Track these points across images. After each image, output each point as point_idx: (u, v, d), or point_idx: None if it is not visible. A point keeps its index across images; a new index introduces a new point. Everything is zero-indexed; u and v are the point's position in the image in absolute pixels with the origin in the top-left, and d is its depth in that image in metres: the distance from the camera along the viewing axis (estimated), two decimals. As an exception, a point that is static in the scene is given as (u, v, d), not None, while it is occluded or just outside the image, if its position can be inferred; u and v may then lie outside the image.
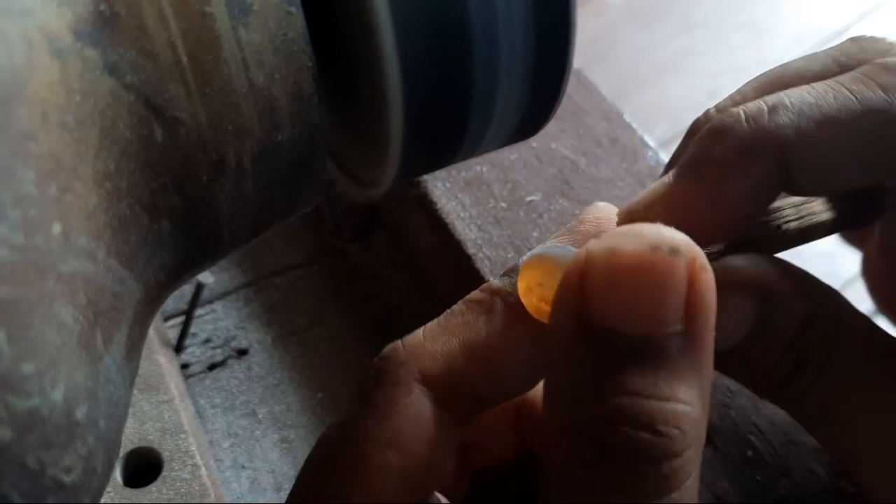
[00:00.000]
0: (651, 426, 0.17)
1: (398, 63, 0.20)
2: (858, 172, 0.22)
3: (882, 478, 0.23)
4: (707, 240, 0.22)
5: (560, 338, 0.18)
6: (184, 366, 0.40)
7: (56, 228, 0.15)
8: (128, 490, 0.31)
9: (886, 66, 0.22)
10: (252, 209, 0.20)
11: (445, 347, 0.21)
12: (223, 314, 0.42)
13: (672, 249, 0.17)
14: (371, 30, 0.19)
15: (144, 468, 0.32)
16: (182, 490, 0.31)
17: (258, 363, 0.40)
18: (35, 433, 0.14)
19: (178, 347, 0.40)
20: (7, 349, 0.14)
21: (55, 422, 0.15)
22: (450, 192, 0.39)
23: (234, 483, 0.36)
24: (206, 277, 0.38)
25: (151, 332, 0.36)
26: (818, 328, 0.23)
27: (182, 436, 0.33)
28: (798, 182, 0.22)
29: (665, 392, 0.17)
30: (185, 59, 0.17)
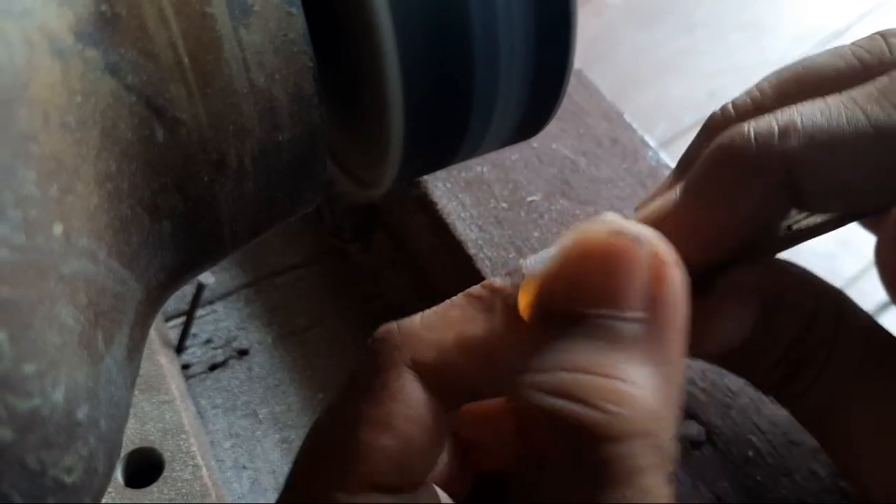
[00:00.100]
0: (591, 401, 0.17)
1: (398, 63, 0.20)
2: (869, 196, 0.22)
3: (881, 477, 0.23)
4: (713, 256, 0.22)
5: (532, 320, 0.19)
6: (185, 366, 0.40)
7: (57, 229, 0.15)
8: (129, 490, 0.31)
9: (890, 86, 0.21)
10: (252, 209, 0.20)
11: (441, 338, 0.21)
12: (224, 314, 0.42)
13: (634, 237, 0.17)
14: (371, 30, 0.19)
15: (145, 468, 0.32)
16: (183, 490, 0.31)
17: (259, 363, 0.40)
18: (36, 433, 0.14)
19: (179, 348, 0.40)
20: (8, 349, 0.14)
21: (56, 422, 0.15)
22: (450, 193, 0.39)
23: (236, 483, 0.36)
24: (207, 278, 0.38)
25: (152, 333, 0.36)
26: (819, 328, 0.23)
27: (183, 436, 0.33)
28: (806, 203, 0.22)
29: (612, 371, 0.17)
30: (186, 60, 0.17)
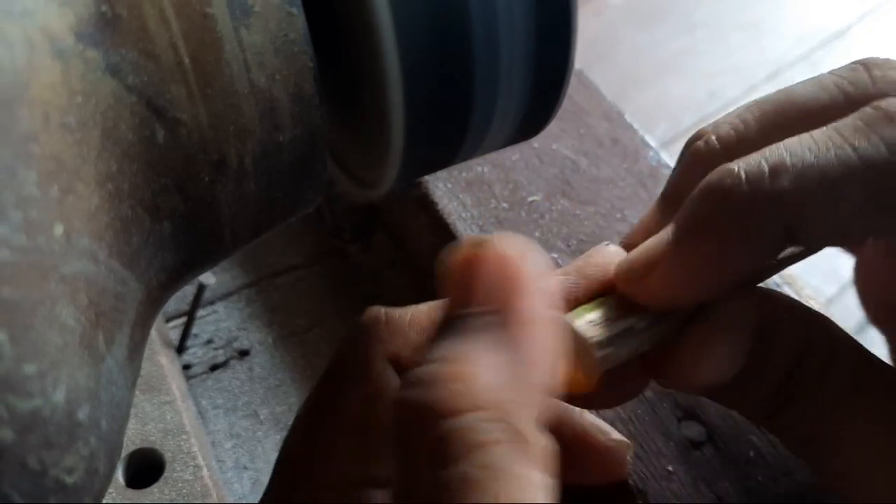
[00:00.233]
0: (433, 384, 0.17)
1: (399, 63, 0.20)
2: (860, 230, 0.22)
3: (878, 499, 0.23)
4: (707, 297, 0.22)
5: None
6: (185, 367, 0.40)
7: (58, 229, 0.15)
8: (130, 491, 0.31)
9: (890, 115, 0.21)
10: (253, 210, 0.20)
11: (423, 337, 0.22)
12: (225, 315, 0.42)
13: (475, 244, 0.19)
14: (372, 30, 0.19)
15: (146, 469, 0.32)
16: (184, 491, 0.31)
17: (260, 364, 0.40)
18: (37, 434, 0.14)
19: (180, 348, 0.40)
20: (9, 350, 0.14)
21: (57, 422, 0.15)
22: (451, 193, 0.39)
23: (236, 484, 0.36)
24: (208, 278, 0.38)
25: (153, 333, 0.36)
26: (812, 358, 0.23)
27: (184, 437, 0.33)
28: (800, 240, 0.22)
29: (457, 356, 0.17)
30: (187, 60, 0.17)
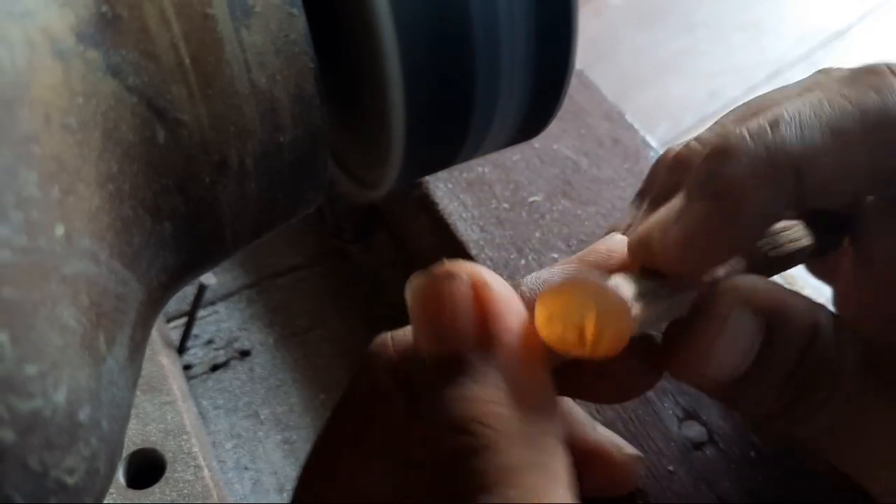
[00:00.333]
0: (458, 427, 0.18)
1: (399, 64, 0.20)
2: (868, 177, 0.22)
3: None
4: (722, 259, 0.22)
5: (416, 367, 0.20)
6: (186, 367, 0.40)
7: (59, 230, 0.15)
8: (131, 491, 0.31)
9: (869, 69, 0.22)
10: (254, 210, 0.20)
11: None
12: (225, 315, 0.42)
13: (447, 275, 0.19)
14: (372, 30, 0.19)
15: (147, 469, 0.32)
16: (185, 491, 0.31)
17: (260, 364, 0.40)
18: (38, 434, 0.14)
19: (181, 349, 0.40)
20: (10, 350, 0.14)
21: (58, 423, 0.15)
22: (451, 193, 0.39)
23: (237, 484, 0.36)
24: (209, 279, 0.38)
25: (154, 334, 0.36)
26: (821, 342, 0.22)
27: (185, 437, 0.33)
28: (810, 196, 0.22)
29: (468, 395, 0.18)
30: (188, 61, 0.17)
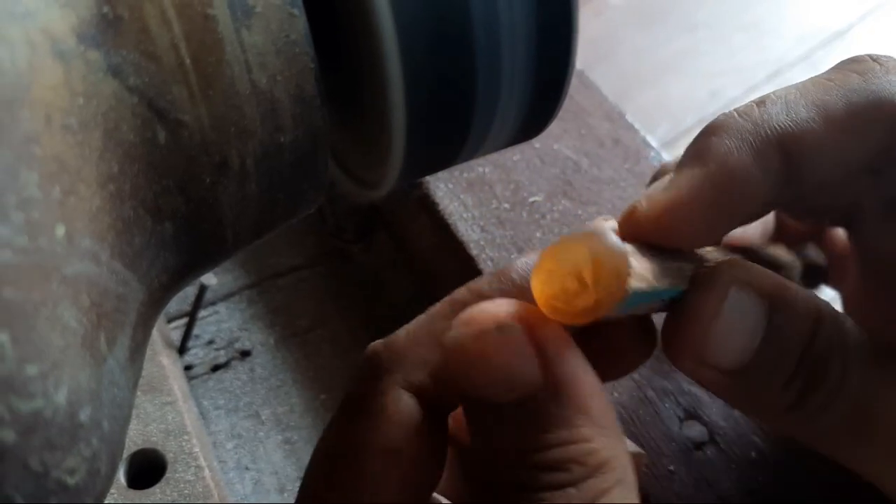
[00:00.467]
0: (552, 467, 0.18)
1: (400, 64, 0.20)
2: (854, 155, 0.22)
3: None
4: (710, 230, 0.22)
5: (464, 408, 0.20)
6: (187, 367, 0.40)
7: (60, 230, 0.15)
8: (131, 491, 0.31)
9: (852, 59, 0.23)
10: (255, 211, 0.20)
11: (427, 354, 0.21)
12: (226, 316, 0.42)
13: (499, 328, 0.19)
14: (373, 30, 0.19)
15: (148, 470, 0.32)
16: (186, 491, 0.31)
17: (261, 364, 0.40)
18: (38, 435, 0.14)
19: (182, 349, 0.40)
20: (11, 351, 0.14)
21: (59, 423, 0.15)
22: (452, 193, 0.39)
23: (238, 484, 0.36)
24: (210, 279, 0.38)
25: (155, 334, 0.36)
26: (825, 336, 0.22)
27: (185, 437, 0.33)
28: (799, 178, 0.22)
29: (553, 441, 0.18)
30: (188, 61, 0.17)
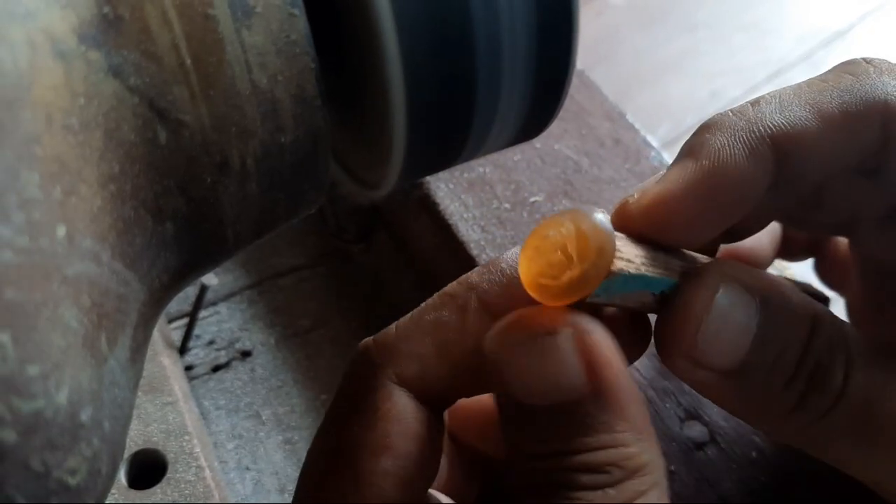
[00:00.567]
0: (593, 469, 0.19)
1: (401, 64, 0.20)
2: (847, 153, 0.22)
3: None
4: (702, 226, 0.22)
5: (502, 410, 0.20)
6: (188, 367, 0.40)
7: (61, 231, 0.15)
8: (132, 492, 0.31)
9: (846, 62, 0.23)
10: (256, 211, 0.20)
11: (418, 348, 0.21)
12: (227, 316, 0.42)
13: (549, 334, 0.19)
14: (374, 31, 0.19)
15: (149, 470, 0.32)
16: (186, 492, 0.31)
17: (262, 365, 0.40)
18: (40, 435, 0.14)
19: (182, 349, 0.40)
20: (12, 351, 0.14)
21: (60, 424, 0.15)
22: (453, 194, 0.39)
23: (239, 484, 0.36)
24: (210, 279, 0.38)
25: (155, 334, 0.36)
26: (825, 337, 0.21)
27: (186, 437, 0.33)
28: (795, 175, 0.22)
29: (594, 445, 0.19)
30: (189, 62, 0.17)
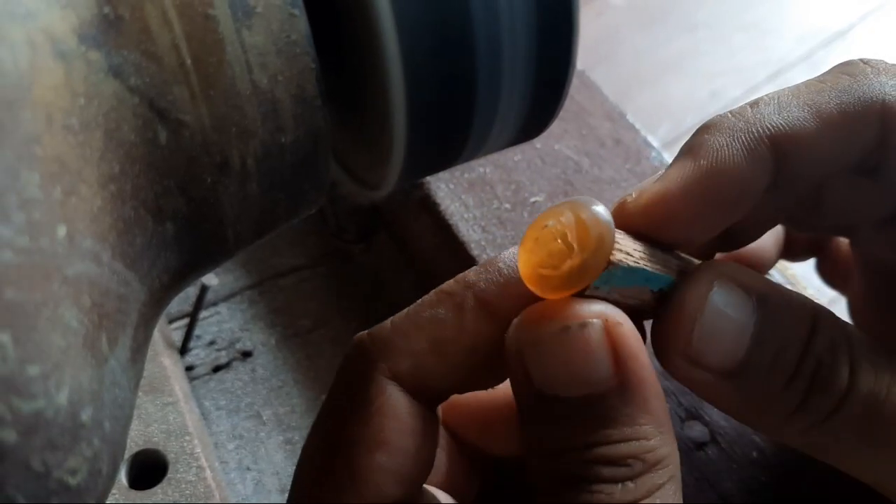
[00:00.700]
0: (613, 462, 0.19)
1: (401, 64, 0.20)
2: (844, 153, 0.22)
3: None
4: (700, 224, 0.22)
5: (522, 402, 0.20)
6: (188, 368, 0.40)
7: (61, 231, 0.15)
8: (133, 492, 0.31)
9: (844, 63, 0.23)
10: (256, 211, 0.20)
11: (413, 344, 0.21)
12: (228, 316, 0.42)
13: (580, 325, 0.19)
14: (374, 31, 0.19)
15: (150, 470, 0.32)
16: (187, 492, 0.31)
17: (262, 365, 0.40)
18: (40, 435, 0.14)
19: (183, 349, 0.40)
20: (12, 351, 0.14)
21: (60, 424, 0.15)
22: (453, 194, 0.39)
23: (239, 485, 0.36)
24: (211, 279, 0.38)
25: (156, 335, 0.36)
26: (826, 336, 0.21)
27: (187, 438, 0.33)
28: (794, 174, 0.22)
29: (617, 437, 0.19)
30: (189, 62, 0.17)
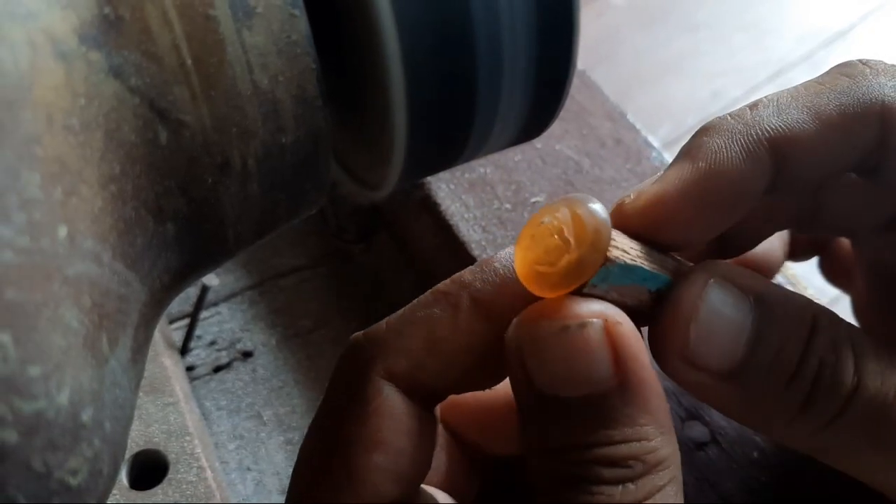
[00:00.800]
0: (614, 463, 0.19)
1: (402, 64, 0.20)
2: (844, 154, 0.22)
3: None
4: (697, 226, 0.22)
5: (522, 402, 0.20)
6: (189, 368, 0.40)
7: (62, 231, 0.15)
8: (133, 492, 0.31)
9: (842, 64, 0.23)
10: (257, 211, 0.20)
11: (409, 343, 0.21)
12: (228, 316, 0.42)
13: (580, 324, 0.19)
14: (375, 31, 0.19)
15: (150, 470, 0.32)
16: (188, 492, 0.31)
17: (263, 365, 0.40)
18: (41, 435, 0.14)
19: (184, 350, 0.40)
20: (13, 352, 0.14)
21: (61, 424, 0.15)
22: (454, 194, 0.39)
23: (240, 485, 0.36)
24: (211, 280, 0.38)
25: (157, 335, 0.36)
26: (828, 337, 0.20)
27: (187, 438, 0.33)
28: (794, 176, 0.22)
29: (617, 438, 0.19)
30: (190, 62, 0.17)
